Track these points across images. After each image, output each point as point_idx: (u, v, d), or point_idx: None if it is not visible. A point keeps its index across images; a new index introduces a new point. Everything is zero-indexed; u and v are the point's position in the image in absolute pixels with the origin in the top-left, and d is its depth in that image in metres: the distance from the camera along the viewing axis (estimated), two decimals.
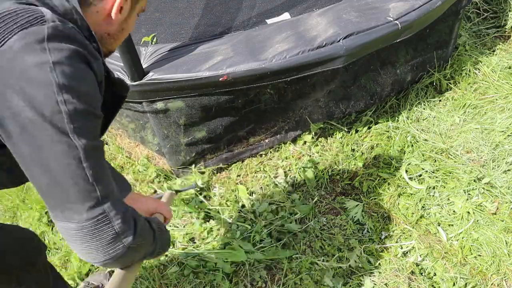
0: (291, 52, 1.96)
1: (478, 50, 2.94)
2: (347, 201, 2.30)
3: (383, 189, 2.33)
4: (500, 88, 2.69)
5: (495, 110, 2.59)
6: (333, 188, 2.38)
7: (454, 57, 2.82)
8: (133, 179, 2.43)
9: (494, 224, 2.14)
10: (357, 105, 2.53)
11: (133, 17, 1.06)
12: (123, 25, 1.04)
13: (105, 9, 0.97)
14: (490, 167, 2.34)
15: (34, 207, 2.33)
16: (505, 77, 2.74)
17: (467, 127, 2.53)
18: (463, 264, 2.05)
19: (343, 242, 2.11)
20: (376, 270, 2.00)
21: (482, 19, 3.18)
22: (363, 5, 2.20)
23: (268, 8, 2.28)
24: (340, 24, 2.09)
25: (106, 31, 1.02)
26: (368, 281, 1.94)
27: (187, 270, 1.99)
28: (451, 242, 2.12)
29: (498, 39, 3.05)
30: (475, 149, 2.44)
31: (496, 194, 2.24)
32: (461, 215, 2.18)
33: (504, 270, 2.02)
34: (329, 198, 2.34)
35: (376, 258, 2.06)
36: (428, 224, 2.19)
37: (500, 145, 2.42)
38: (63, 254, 2.18)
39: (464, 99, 2.65)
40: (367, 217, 2.23)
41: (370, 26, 2.08)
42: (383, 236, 2.15)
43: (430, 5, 2.19)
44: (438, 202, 2.25)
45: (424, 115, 2.62)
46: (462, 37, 2.94)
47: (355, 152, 2.48)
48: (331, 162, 2.46)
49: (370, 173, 2.39)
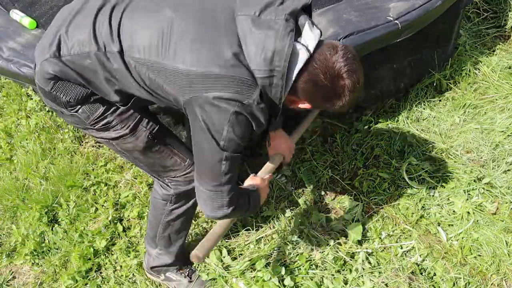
0: None
1: (478, 50, 2.93)
2: (347, 201, 2.29)
3: (383, 189, 2.33)
4: (500, 88, 2.69)
5: (495, 110, 2.59)
6: (333, 188, 2.38)
7: (454, 57, 2.82)
8: (133, 177, 2.43)
9: (494, 224, 2.14)
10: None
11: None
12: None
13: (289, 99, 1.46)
14: (490, 167, 2.33)
15: (34, 207, 2.33)
16: (505, 77, 2.74)
17: (467, 127, 2.52)
18: (463, 264, 2.05)
19: (343, 242, 2.11)
20: (376, 270, 2.00)
21: (482, 19, 3.18)
22: (363, 5, 2.20)
23: None
24: (340, 24, 2.09)
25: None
26: (368, 281, 1.94)
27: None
28: (451, 242, 2.12)
29: (498, 39, 3.05)
30: (475, 149, 2.43)
31: (496, 194, 2.23)
32: (461, 215, 2.18)
33: (504, 270, 2.02)
34: (329, 198, 2.34)
35: (376, 258, 2.05)
36: (428, 224, 2.19)
37: (500, 145, 2.42)
38: (63, 254, 2.18)
39: (464, 99, 2.65)
40: (367, 217, 2.23)
41: (370, 26, 2.08)
42: (383, 236, 2.15)
43: (430, 4, 2.19)
44: (438, 202, 2.25)
45: (424, 115, 2.62)
46: (462, 37, 2.94)
47: (355, 152, 2.48)
48: (331, 162, 2.46)
49: (370, 173, 2.39)
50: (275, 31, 1.29)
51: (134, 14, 1.42)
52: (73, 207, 2.34)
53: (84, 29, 1.43)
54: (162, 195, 1.77)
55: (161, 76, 1.36)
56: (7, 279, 2.18)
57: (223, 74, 1.29)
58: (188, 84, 1.32)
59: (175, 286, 2.00)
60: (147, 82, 1.42)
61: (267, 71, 1.30)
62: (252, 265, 2.00)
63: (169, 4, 1.41)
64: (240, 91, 1.30)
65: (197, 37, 1.33)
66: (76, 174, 2.47)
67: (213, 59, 1.30)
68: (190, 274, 2.01)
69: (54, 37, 1.46)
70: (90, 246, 2.16)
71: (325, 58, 1.31)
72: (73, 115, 1.53)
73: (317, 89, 1.35)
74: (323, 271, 1.98)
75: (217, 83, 1.29)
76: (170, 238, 1.89)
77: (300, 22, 1.35)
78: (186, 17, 1.37)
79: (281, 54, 1.28)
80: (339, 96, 1.36)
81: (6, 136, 2.76)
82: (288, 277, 1.91)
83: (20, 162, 2.60)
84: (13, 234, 2.30)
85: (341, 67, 1.31)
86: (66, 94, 1.48)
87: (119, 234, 2.24)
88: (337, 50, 1.32)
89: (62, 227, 2.28)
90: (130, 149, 1.62)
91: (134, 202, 2.34)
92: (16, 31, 2.18)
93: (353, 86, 1.34)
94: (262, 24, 1.30)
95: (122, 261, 2.13)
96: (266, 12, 1.32)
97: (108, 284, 2.08)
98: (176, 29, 1.35)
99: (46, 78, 1.47)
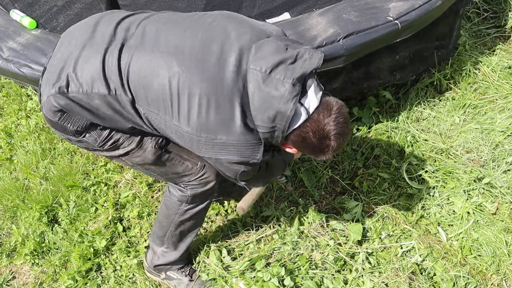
0: None
1: (478, 50, 2.93)
2: (347, 201, 2.29)
3: (383, 189, 2.33)
4: (500, 88, 2.69)
5: (495, 110, 2.59)
6: (333, 188, 2.38)
7: (454, 57, 2.82)
8: (133, 177, 2.43)
9: (494, 224, 2.14)
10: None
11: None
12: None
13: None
14: (490, 167, 2.33)
15: (34, 207, 2.33)
16: (505, 77, 2.74)
17: (467, 127, 2.52)
18: (463, 264, 2.05)
19: (343, 242, 2.11)
20: (376, 270, 2.00)
21: (482, 19, 3.18)
22: (363, 5, 2.20)
23: (268, 8, 2.28)
24: (340, 24, 2.09)
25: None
26: (368, 281, 1.94)
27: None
28: (451, 242, 2.12)
29: (498, 39, 3.05)
30: (475, 149, 2.43)
31: (496, 194, 2.23)
32: (461, 215, 2.18)
33: (504, 270, 2.02)
34: (329, 198, 2.34)
35: (376, 258, 2.05)
36: (428, 224, 2.19)
37: (500, 145, 2.42)
38: (63, 254, 2.18)
39: (464, 99, 2.65)
40: (367, 217, 2.23)
41: (370, 26, 2.08)
42: (383, 236, 2.15)
43: (430, 4, 2.19)
44: (438, 202, 2.25)
45: (424, 115, 2.62)
46: (462, 37, 2.94)
47: (355, 152, 2.48)
48: (331, 162, 2.46)
49: (370, 173, 2.39)
50: (280, 94, 1.36)
51: (143, 62, 1.42)
52: (73, 207, 2.34)
53: (93, 69, 1.43)
54: (179, 197, 1.78)
55: (173, 132, 1.46)
56: (7, 279, 2.18)
57: (231, 141, 1.41)
58: (198, 146, 1.45)
59: (175, 285, 2.00)
60: (160, 129, 1.49)
61: (269, 127, 1.41)
62: (252, 265, 2.00)
63: (176, 55, 1.40)
64: (246, 153, 1.45)
65: (204, 97, 1.37)
66: (76, 174, 2.47)
67: (221, 126, 1.40)
68: (191, 273, 2.01)
69: (61, 73, 1.47)
70: (90, 246, 2.16)
71: (318, 119, 1.41)
72: (81, 141, 1.59)
73: (305, 144, 1.46)
74: (323, 271, 1.98)
75: (225, 149, 1.43)
76: (180, 236, 1.90)
77: (307, 83, 1.41)
78: (193, 72, 1.38)
79: (283, 116, 1.38)
80: (323, 153, 1.48)
81: (6, 136, 2.76)
82: (288, 277, 1.91)
83: (20, 162, 2.60)
84: (13, 234, 2.30)
85: (331, 130, 1.42)
86: (73, 124, 1.53)
87: (119, 234, 2.24)
88: (330, 113, 1.41)
89: (62, 227, 2.28)
90: (140, 163, 1.67)
91: (134, 202, 2.34)
92: (16, 31, 2.18)
93: (337, 147, 1.46)
94: (271, 84, 1.37)
95: (122, 261, 2.13)
96: (277, 70, 1.37)
97: (108, 284, 2.08)
98: (182, 85, 1.38)
99: (53, 110, 1.50)
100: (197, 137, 1.41)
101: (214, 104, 1.37)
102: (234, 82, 1.37)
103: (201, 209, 1.83)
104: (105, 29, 1.48)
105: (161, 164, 1.68)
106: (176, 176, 1.72)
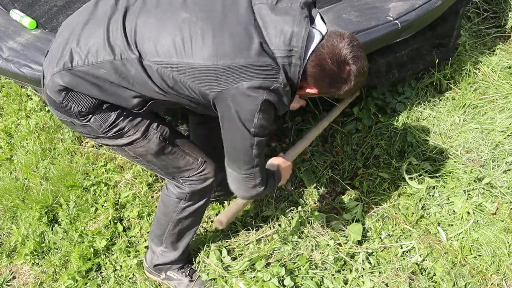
0: None
1: (478, 50, 2.94)
2: (347, 201, 2.29)
3: (383, 189, 2.33)
4: (500, 88, 2.69)
5: (495, 110, 2.59)
6: (333, 188, 2.38)
7: (454, 57, 2.82)
8: (133, 177, 2.43)
9: (494, 224, 2.14)
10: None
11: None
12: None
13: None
14: (490, 167, 2.34)
15: (34, 207, 2.33)
16: (505, 77, 2.74)
17: (467, 127, 2.52)
18: (463, 264, 2.05)
19: (343, 242, 2.11)
20: (376, 270, 2.00)
21: (482, 19, 3.18)
22: (363, 5, 2.20)
23: None
24: (340, 24, 2.09)
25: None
26: (368, 281, 1.94)
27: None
28: (451, 242, 2.12)
29: (498, 39, 3.05)
30: (475, 149, 2.43)
31: (496, 194, 2.24)
32: (461, 215, 2.18)
33: (504, 270, 2.02)
34: (329, 198, 2.35)
35: (376, 258, 2.05)
36: (428, 224, 2.19)
37: (500, 145, 2.42)
38: (63, 254, 2.18)
39: (464, 99, 2.65)
40: (367, 217, 2.23)
41: (370, 26, 2.08)
42: (383, 236, 2.15)
43: (430, 4, 2.19)
44: (438, 202, 2.25)
45: (424, 115, 2.62)
46: (462, 37, 2.94)
47: (355, 152, 2.48)
48: (331, 162, 2.46)
49: (370, 173, 2.39)
50: (292, 16, 1.39)
51: (148, 20, 1.44)
52: (73, 207, 2.34)
53: (97, 39, 1.44)
54: (177, 194, 1.78)
55: (187, 75, 1.41)
56: (7, 279, 2.18)
57: (250, 63, 1.36)
58: (216, 79, 1.38)
59: (175, 285, 2.00)
60: (170, 84, 1.45)
61: (286, 51, 1.38)
62: (252, 265, 2.00)
63: (181, 6, 1.45)
64: (267, 77, 1.38)
65: (218, 31, 1.38)
66: (76, 174, 2.47)
67: (237, 51, 1.37)
68: (191, 273, 2.01)
69: (64, 50, 1.47)
70: (90, 246, 2.16)
71: (332, 44, 1.40)
72: (85, 125, 1.56)
73: (324, 73, 1.43)
74: (323, 271, 1.98)
75: (245, 73, 1.37)
76: (179, 235, 1.90)
77: (312, 13, 1.46)
78: (202, 16, 1.42)
79: (299, 36, 1.38)
80: (344, 81, 1.44)
81: (6, 136, 2.76)
82: (288, 277, 1.91)
83: (20, 162, 2.60)
84: (13, 234, 2.31)
85: (347, 53, 1.40)
86: (78, 104, 1.50)
87: (119, 234, 2.24)
88: (343, 38, 1.42)
89: (62, 227, 2.28)
90: (143, 153, 1.65)
91: (134, 202, 2.34)
92: (16, 31, 2.18)
93: (358, 71, 1.42)
94: (280, 11, 1.40)
95: (122, 261, 2.13)
96: (282, 1, 1.43)
97: (108, 284, 2.08)
98: (194, 27, 1.40)
99: (57, 90, 1.49)
100: (214, 67, 1.37)
101: (227, 33, 1.38)
102: (245, 17, 1.40)
103: (199, 207, 1.83)
104: (105, 3, 1.51)
105: (163, 157, 1.66)
106: (176, 170, 1.71)
